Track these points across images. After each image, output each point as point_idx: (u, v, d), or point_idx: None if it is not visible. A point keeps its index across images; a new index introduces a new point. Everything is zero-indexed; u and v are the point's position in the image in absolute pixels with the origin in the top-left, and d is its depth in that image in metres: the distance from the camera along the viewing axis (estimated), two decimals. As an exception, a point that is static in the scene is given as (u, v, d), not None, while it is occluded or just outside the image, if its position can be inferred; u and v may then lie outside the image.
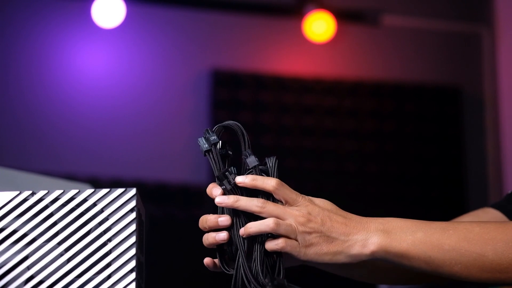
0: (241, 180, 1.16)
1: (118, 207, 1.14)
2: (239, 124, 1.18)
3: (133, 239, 1.12)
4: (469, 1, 4.41)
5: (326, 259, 1.15)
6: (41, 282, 1.11)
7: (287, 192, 1.15)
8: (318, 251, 1.15)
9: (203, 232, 1.21)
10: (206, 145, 1.17)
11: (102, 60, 4.10)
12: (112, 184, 3.79)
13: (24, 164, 3.63)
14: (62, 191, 1.14)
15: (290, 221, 1.14)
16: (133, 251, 1.12)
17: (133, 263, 1.11)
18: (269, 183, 1.15)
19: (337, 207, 1.18)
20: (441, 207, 4.13)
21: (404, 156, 4.21)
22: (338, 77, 4.24)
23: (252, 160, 1.16)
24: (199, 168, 3.98)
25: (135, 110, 4.06)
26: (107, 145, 3.99)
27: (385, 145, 4.19)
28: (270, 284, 1.12)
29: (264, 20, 4.22)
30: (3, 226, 1.13)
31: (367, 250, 1.15)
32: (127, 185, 3.69)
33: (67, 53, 4.04)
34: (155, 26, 4.16)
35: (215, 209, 1.21)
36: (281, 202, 1.16)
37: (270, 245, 1.14)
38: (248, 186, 1.15)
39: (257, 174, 1.16)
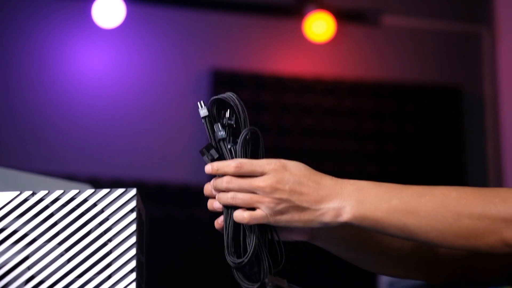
0: (208, 169, 1.18)
1: (119, 208, 1.14)
2: (233, 96, 1.18)
3: (133, 239, 1.12)
4: (469, 1, 4.41)
5: (299, 225, 1.15)
6: (41, 282, 1.11)
7: (251, 168, 1.15)
8: (289, 219, 1.15)
9: (203, 233, 1.22)
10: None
11: (102, 60, 4.10)
12: (112, 184, 3.79)
13: (24, 164, 3.63)
14: (62, 191, 1.14)
15: (259, 193, 1.14)
16: (133, 251, 1.12)
17: (133, 263, 1.11)
18: (227, 169, 1.16)
19: (312, 171, 1.18)
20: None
21: (404, 156, 4.21)
22: (338, 77, 4.24)
23: (217, 135, 1.18)
24: (199, 168, 3.97)
25: (135, 110, 4.06)
26: (107, 145, 3.99)
27: (385, 145, 4.19)
28: (270, 284, 1.12)
29: (264, 20, 4.22)
30: (3, 226, 1.14)
31: (341, 219, 1.14)
32: (127, 185, 3.69)
33: (67, 53, 4.04)
34: (155, 26, 4.16)
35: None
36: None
37: (237, 217, 1.15)
38: (216, 173, 1.17)
39: (225, 148, 1.18)
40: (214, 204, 1.19)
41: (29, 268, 1.12)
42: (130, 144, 4.02)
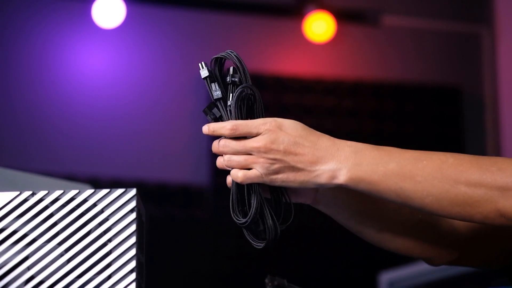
0: (204, 130, 1.18)
1: (118, 208, 1.14)
2: (232, 53, 1.18)
3: (133, 240, 1.12)
4: (469, 1, 4.41)
5: (294, 185, 1.15)
6: (41, 282, 1.11)
7: (246, 129, 1.15)
8: (285, 179, 1.15)
9: (203, 233, 1.22)
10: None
11: (102, 60, 4.10)
12: (112, 184, 3.79)
13: (24, 164, 3.63)
14: (62, 191, 1.14)
15: (254, 153, 1.14)
16: (133, 252, 1.12)
17: (133, 264, 1.11)
18: (223, 131, 1.16)
19: (309, 131, 1.18)
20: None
21: (404, 156, 4.20)
22: (338, 77, 4.24)
23: (214, 94, 1.18)
24: (199, 169, 3.98)
25: (136, 110, 4.06)
26: (107, 145, 3.99)
27: (385, 145, 4.18)
28: (270, 284, 1.12)
29: (264, 20, 4.22)
30: (3, 227, 1.13)
31: (336, 181, 1.14)
32: (127, 185, 3.69)
33: (68, 53, 4.04)
34: (155, 26, 4.16)
35: (214, 209, 1.22)
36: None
37: (232, 176, 1.15)
38: (211, 134, 1.17)
39: (221, 108, 1.17)
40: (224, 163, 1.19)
41: (28, 268, 1.12)
42: (130, 144, 4.02)
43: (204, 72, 1.19)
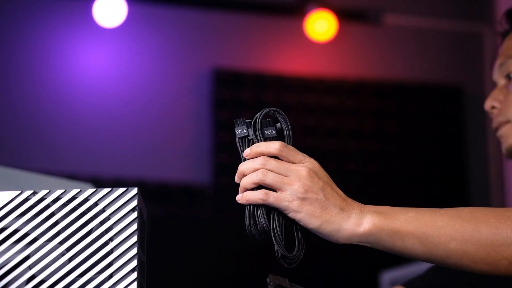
0: (247, 152, 1.17)
1: (120, 207, 1.13)
2: (277, 112, 1.20)
3: (134, 239, 1.12)
4: (470, 0, 4.40)
5: (316, 224, 1.15)
6: (42, 281, 1.11)
7: (292, 153, 1.16)
8: (311, 212, 1.14)
9: (204, 232, 1.22)
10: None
11: (104, 59, 4.10)
12: (114, 183, 3.79)
13: (26, 164, 3.63)
14: (63, 190, 1.14)
15: (292, 176, 1.14)
16: (134, 251, 1.11)
17: (134, 263, 1.11)
18: (272, 146, 1.15)
19: None
20: (443, 206, 4.11)
21: (405, 155, 4.21)
22: (339, 76, 4.24)
23: (241, 132, 1.20)
24: (201, 168, 3.97)
25: (137, 109, 4.06)
26: (109, 144, 3.99)
27: (387, 144, 4.18)
28: (271, 283, 1.12)
29: (265, 19, 4.22)
30: (4, 226, 1.13)
31: (362, 228, 1.14)
32: (128, 184, 3.69)
33: (69, 53, 4.04)
34: (157, 25, 4.16)
35: (215, 208, 1.21)
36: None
37: (253, 196, 1.14)
38: (254, 155, 1.16)
39: (248, 140, 1.18)
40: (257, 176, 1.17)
41: (30, 267, 1.12)
42: (131, 143, 4.02)
43: (240, 132, 1.20)
